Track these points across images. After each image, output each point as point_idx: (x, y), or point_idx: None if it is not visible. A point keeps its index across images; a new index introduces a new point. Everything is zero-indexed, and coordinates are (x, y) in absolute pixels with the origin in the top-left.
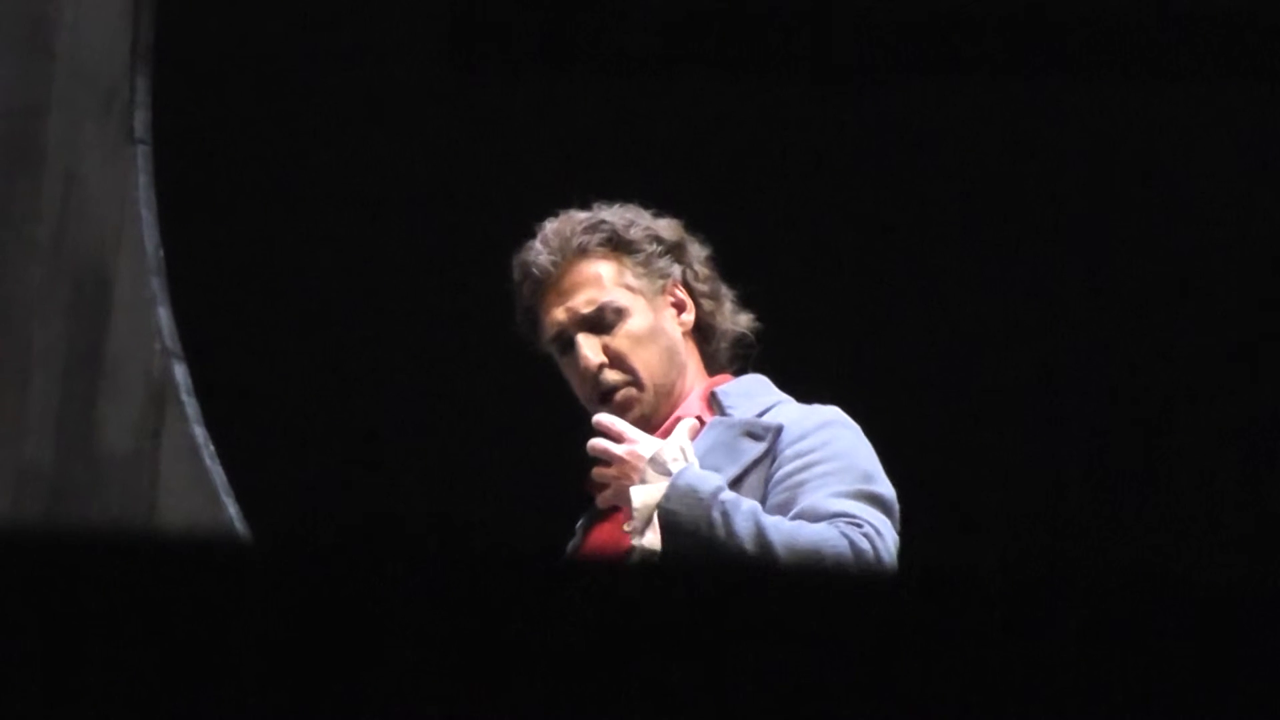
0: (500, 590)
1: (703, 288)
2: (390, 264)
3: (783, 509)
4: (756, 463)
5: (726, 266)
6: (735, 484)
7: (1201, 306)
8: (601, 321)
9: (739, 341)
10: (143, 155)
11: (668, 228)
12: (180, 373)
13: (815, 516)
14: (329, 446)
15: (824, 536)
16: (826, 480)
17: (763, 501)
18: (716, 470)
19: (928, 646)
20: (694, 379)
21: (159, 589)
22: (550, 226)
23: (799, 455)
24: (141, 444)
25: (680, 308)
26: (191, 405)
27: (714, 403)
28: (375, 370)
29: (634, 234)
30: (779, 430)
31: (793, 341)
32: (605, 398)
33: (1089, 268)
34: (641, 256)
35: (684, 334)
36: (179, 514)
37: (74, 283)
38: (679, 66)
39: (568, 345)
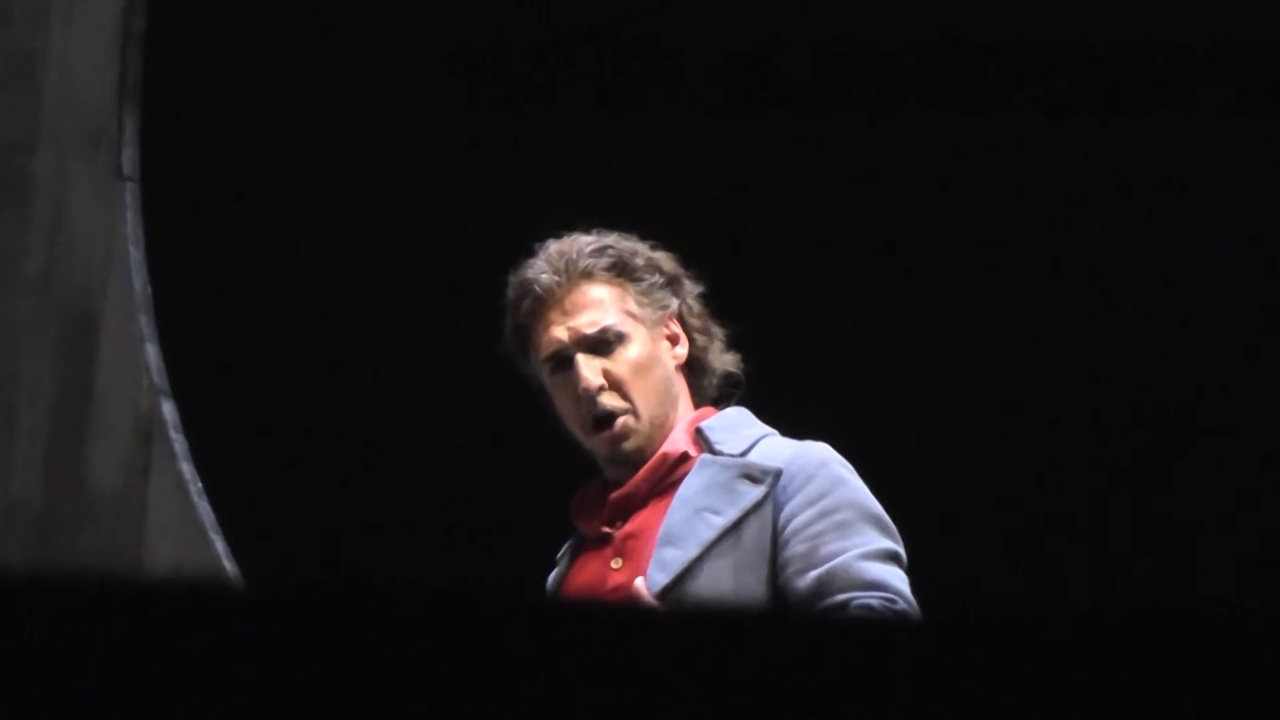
0: (491, 632)
1: (696, 323)
2: (380, 302)
3: (805, 559)
4: (756, 507)
5: (719, 290)
6: (734, 528)
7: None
8: (602, 344)
9: (726, 379)
10: (131, 192)
11: (666, 260)
12: (168, 410)
13: (850, 582)
14: (317, 484)
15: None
16: (845, 531)
17: (772, 546)
18: (714, 512)
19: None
20: (682, 413)
21: (146, 628)
22: (554, 247)
23: (810, 503)
24: (129, 481)
25: (674, 341)
26: (179, 442)
27: (700, 438)
28: (364, 408)
29: (638, 262)
30: (777, 474)
31: (783, 371)
32: (600, 423)
33: (1086, 291)
34: (644, 285)
35: (676, 367)
36: (167, 551)
37: (62, 319)
38: (676, 99)
39: (564, 364)
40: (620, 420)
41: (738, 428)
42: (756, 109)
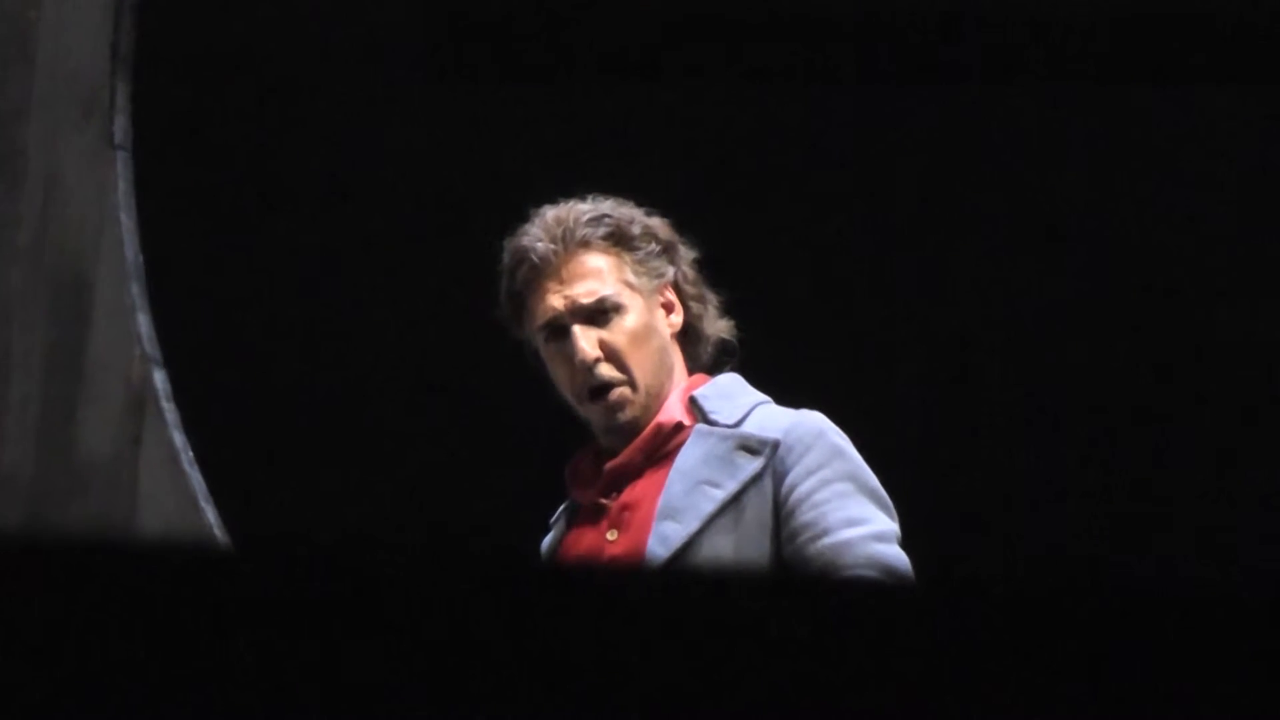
0: (486, 595)
1: (691, 290)
2: (371, 269)
3: (812, 528)
4: (755, 479)
5: (714, 269)
6: (734, 501)
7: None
8: (599, 315)
9: (720, 347)
10: (123, 161)
11: (663, 227)
12: (160, 379)
13: (866, 562)
14: (308, 452)
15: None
16: (848, 503)
17: (774, 518)
18: (713, 484)
19: (936, 655)
20: (677, 381)
21: (138, 595)
22: (551, 214)
23: (810, 472)
24: (121, 450)
25: (669, 309)
26: (171, 411)
27: (695, 407)
28: (355, 376)
29: (634, 230)
30: (775, 445)
31: (780, 344)
32: (596, 394)
33: (1088, 272)
34: (640, 254)
35: (671, 335)
36: (158, 520)
37: (54, 288)
38: (662, 72)
39: (559, 334)
40: (616, 391)
41: (732, 396)
42: (759, 80)
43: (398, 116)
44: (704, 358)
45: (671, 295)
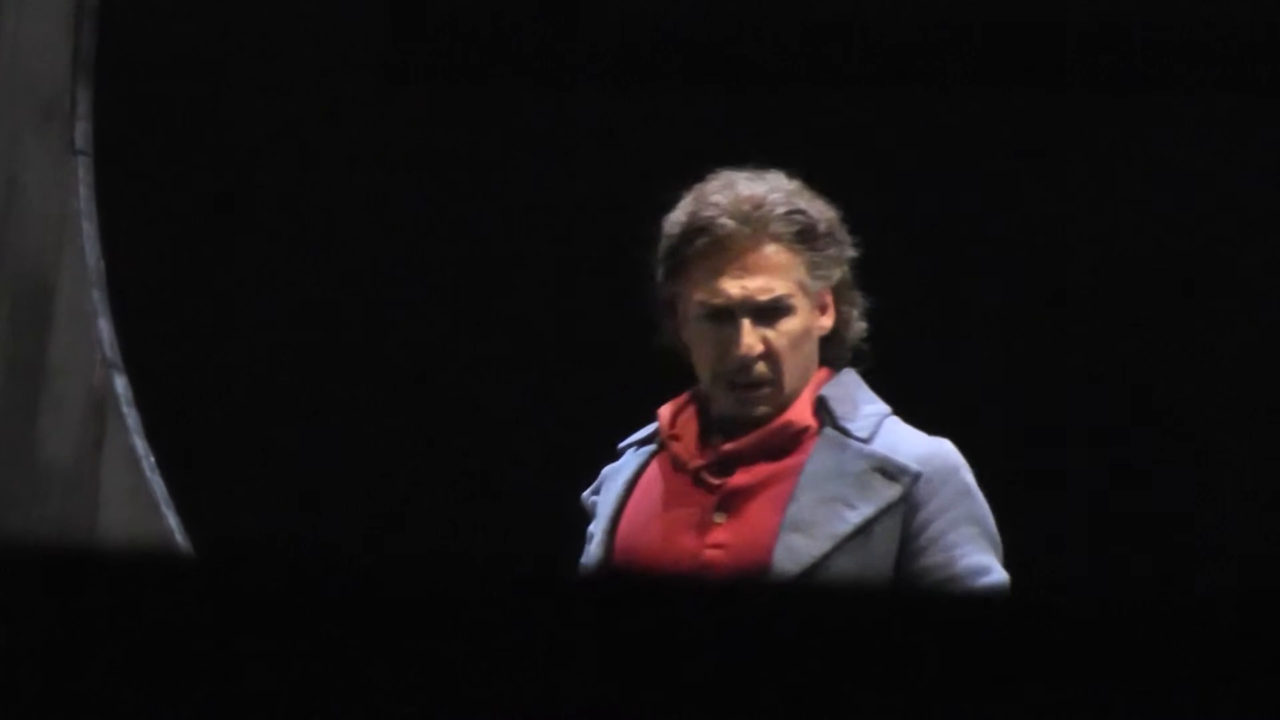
0: (443, 604)
1: (846, 294)
2: (332, 275)
3: (943, 570)
4: (890, 508)
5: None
6: (865, 526)
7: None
8: (770, 313)
9: (853, 350)
10: (84, 166)
11: (838, 225)
12: (121, 384)
13: None
14: (269, 458)
15: None
16: (976, 548)
17: (899, 551)
18: (846, 504)
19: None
20: (808, 379)
21: (99, 601)
22: (743, 190)
23: (943, 512)
24: (82, 455)
25: (823, 310)
26: (132, 417)
27: (822, 408)
28: (316, 382)
29: (821, 229)
30: (916, 477)
31: None
32: (743, 386)
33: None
34: (818, 256)
35: (817, 336)
36: (120, 525)
37: (14, 294)
38: (631, 76)
39: (724, 318)
40: (761, 392)
41: (857, 401)
42: (732, 85)
43: (360, 119)
44: (839, 360)
45: (828, 297)
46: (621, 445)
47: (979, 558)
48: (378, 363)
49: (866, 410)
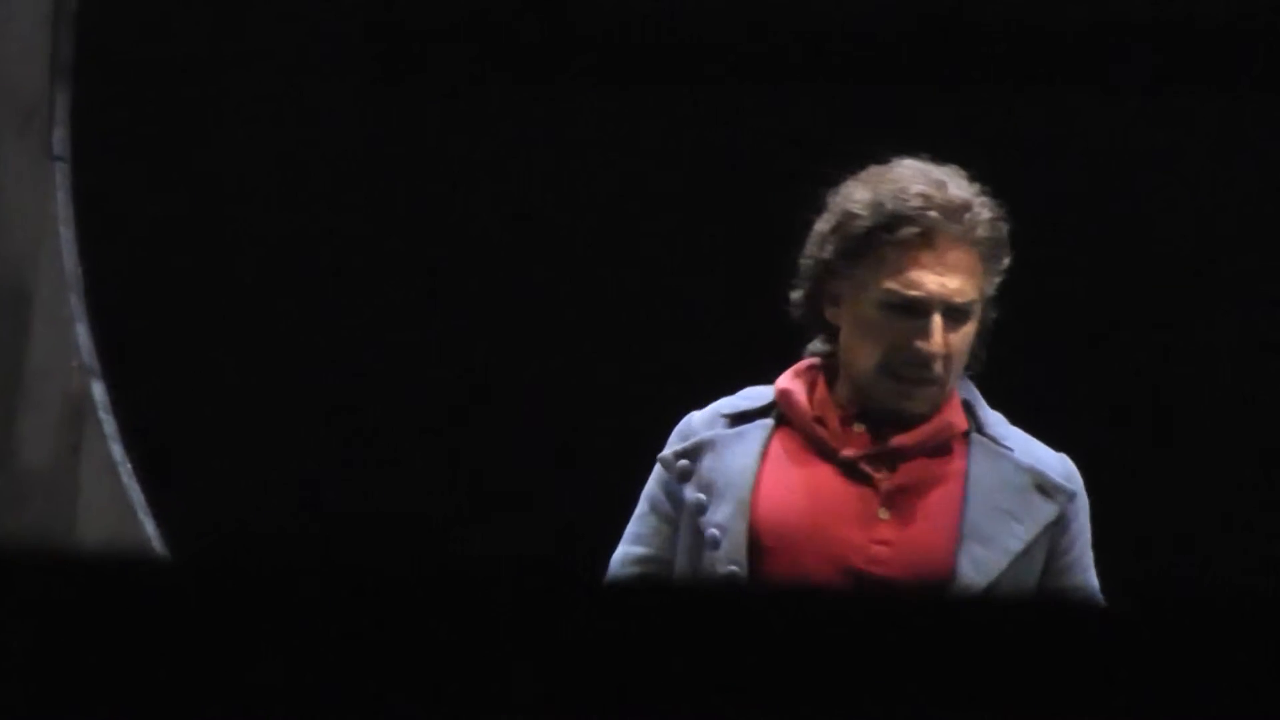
0: (420, 607)
1: (991, 304)
2: (311, 282)
3: (1078, 592)
4: (1048, 527)
5: (714, 268)
6: (1031, 543)
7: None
8: (959, 314)
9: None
10: (61, 172)
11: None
12: (98, 390)
13: None
14: (246, 464)
15: None
16: (1093, 570)
17: (1042, 565)
18: (1014, 519)
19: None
20: None
21: (77, 605)
22: (952, 189)
23: (1081, 533)
24: (60, 461)
25: (978, 316)
26: (110, 423)
27: (966, 410)
28: (294, 388)
29: (1006, 240)
30: (1070, 496)
31: (780, 344)
32: (913, 381)
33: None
34: (998, 266)
35: None
36: (97, 531)
37: None
38: (612, 79)
39: (914, 311)
40: (928, 390)
41: (984, 404)
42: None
43: (341, 123)
44: (971, 366)
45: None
46: (726, 412)
47: (1096, 579)
48: (358, 370)
49: (995, 417)
